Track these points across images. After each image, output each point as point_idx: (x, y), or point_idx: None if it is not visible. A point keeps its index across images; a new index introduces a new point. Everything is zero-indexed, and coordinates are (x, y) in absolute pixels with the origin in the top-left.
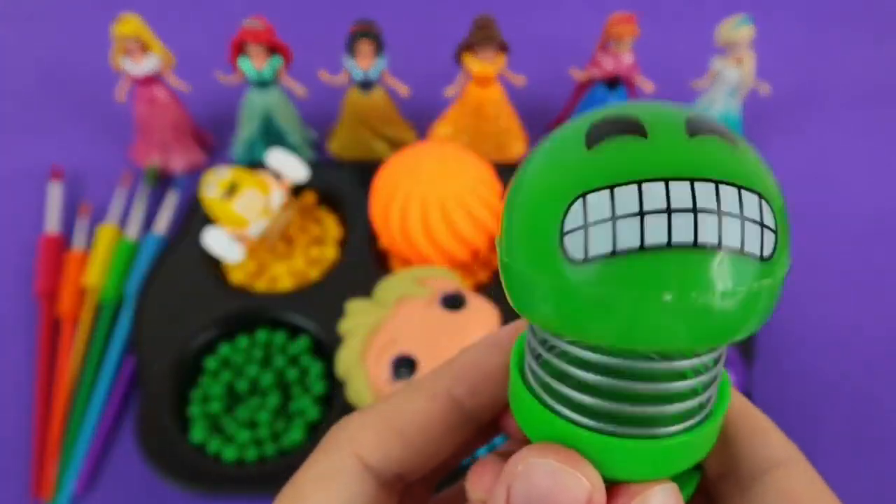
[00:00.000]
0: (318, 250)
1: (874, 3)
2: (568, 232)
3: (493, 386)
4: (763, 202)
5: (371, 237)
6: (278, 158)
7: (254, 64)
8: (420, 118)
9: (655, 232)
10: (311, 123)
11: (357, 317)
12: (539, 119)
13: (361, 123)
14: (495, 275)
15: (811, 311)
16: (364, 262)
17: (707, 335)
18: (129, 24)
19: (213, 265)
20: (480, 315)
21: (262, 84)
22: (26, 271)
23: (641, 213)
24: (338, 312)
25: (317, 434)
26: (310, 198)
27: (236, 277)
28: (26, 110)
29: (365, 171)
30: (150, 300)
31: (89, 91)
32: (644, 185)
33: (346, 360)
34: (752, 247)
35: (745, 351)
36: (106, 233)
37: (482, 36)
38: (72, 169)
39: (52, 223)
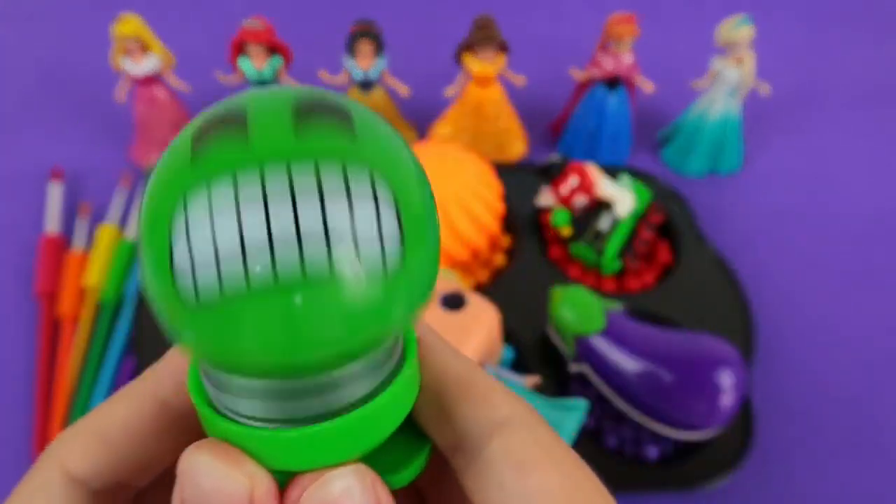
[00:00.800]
0: None
1: (874, 3)
2: (176, 259)
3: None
4: (377, 175)
5: None
6: None
7: (254, 64)
8: (420, 118)
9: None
10: None
11: None
12: (539, 119)
13: None
14: (495, 275)
15: (811, 311)
16: None
17: (340, 347)
18: (129, 24)
19: None
20: (480, 315)
21: (262, 84)
22: (26, 271)
23: (238, 207)
24: None
25: None
26: None
27: None
28: (26, 110)
29: None
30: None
31: (89, 91)
32: (239, 178)
33: None
34: (366, 234)
35: (746, 351)
36: (106, 233)
37: (482, 36)
38: (72, 169)
39: (53, 223)
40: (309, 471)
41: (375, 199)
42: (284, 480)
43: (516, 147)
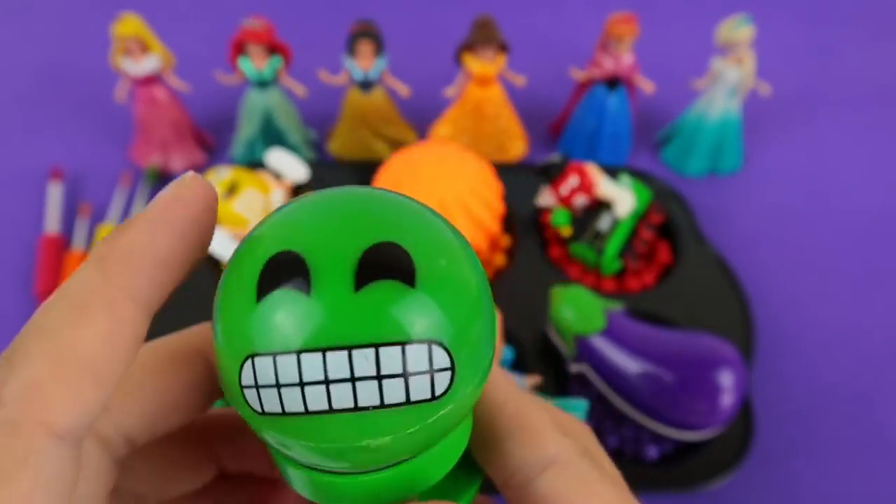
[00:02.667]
0: None
1: (874, 3)
2: (245, 387)
3: (175, 273)
4: (434, 347)
5: None
6: (278, 158)
7: (254, 64)
8: (420, 118)
9: (316, 399)
10: (312, 123)
11: None
12: (539, 119)
13: (361, 123)
14: (495, 275)
15: (811, 311)
16: None
17: (386, 459)
18: (130, 24)
19: (213, 265)
20: None
21: (262, 84)
22: (26, 271)
23: (301, 384)
24: None
25: None
26: None
27: None
28: (26, 110)
29: (365, 171)
30: None
31: (89, 91)
32: (303, 357)
33: None
34: (420, 394)
35: (746, 351)
36: (106, 233)
37: (482, 36)
38: (72, 169)
39: (53, 223)
40: None
41: (431, 346)
42: None
43: (516, 147)
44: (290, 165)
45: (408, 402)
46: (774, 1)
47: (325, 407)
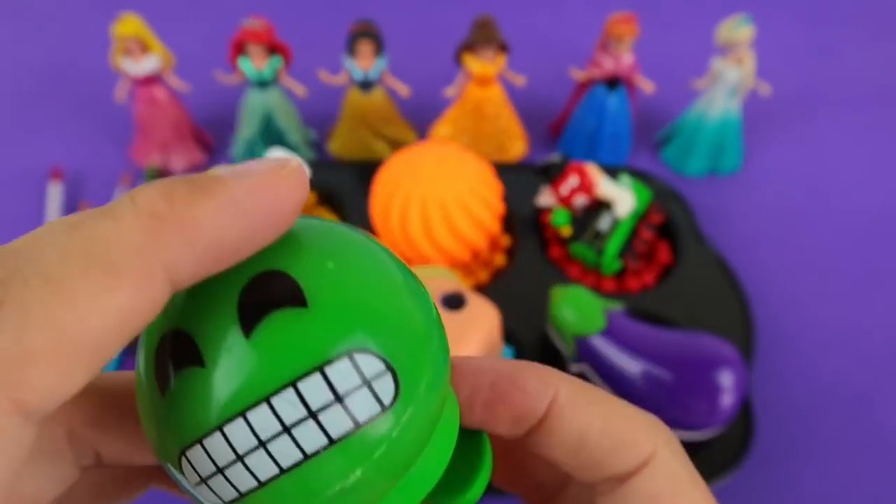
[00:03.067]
0: None
1: (874, 3)
2: (196, 486)
3: (219, 267)
4: (358, 356)
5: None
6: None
7: (254, 64)
8: (420, 118)
9: (262, 467)
10: (312, 123)
11: None
12: (539, 119)
13: (361, 123)
14: (495, 275)
15: (811, 310)
16: None
17: (375, 488)
18: (130, 24)
19: None
20: (480, 315)
21: (262, 84)
22: None
23: (240, 459)
24: None
25: None
26: (310, 198)
27: None
28: (26, 110)
29: (365, 171)
30: None
31: (89, 91)
32: (226, 430)
33: None
34: (368, 411)
35: (745, 351)
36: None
37: (482, 36)
38: (72, 169)
39: None
40: None
41: (359, 370)
42: None
43: (516, 147)
44: None
45: (357, 425)
46: (774, 1)
47: (276, 470)
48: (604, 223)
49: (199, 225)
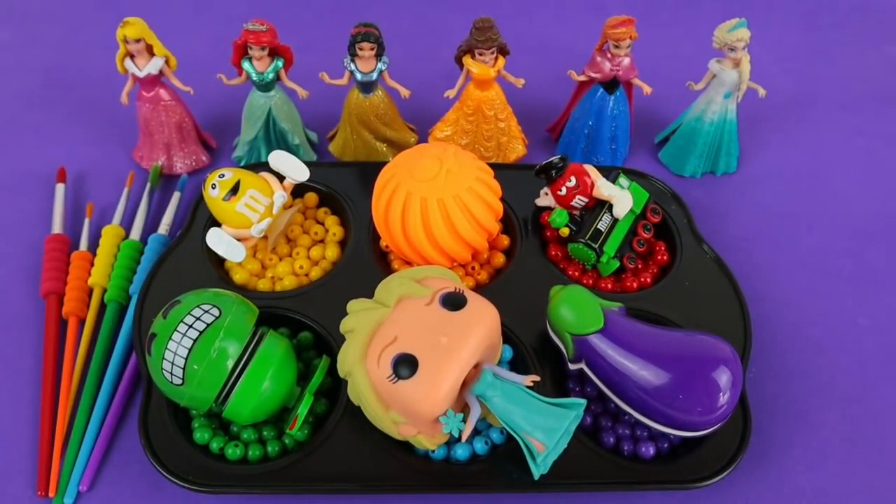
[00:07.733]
0: (319, 250)
1: (871, 6)
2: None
3: None
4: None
5: (372, 237)
6: (280, 159)
7: (256, 66)
8: (421, 120)
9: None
10: (313, 125)
11: (358, 316)
12: (538, 121)
13: (362, 125)
14: (495, 275)
15: (807, 310)
16: (365, 262)
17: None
18: (134, 27)
19: (216, 265)
20: (480, 315)
21: (265, 86)
22: (33, 271)
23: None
24: (339, 312)
25: (321, 431)
26: (311, 198)
27: (239, 277)
28: (32, 112)
29: (366, 171)
30: (153, 299)
31: (94, 93)
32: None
33: (348, 359)
34: (211, 318)
35: (742, 350)
36: (111, 233)
37: (482, 38)
38: (77, 170)
39: (58, 224)
40: None
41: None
42: None
43: (516, 148)
44: (292, 166)
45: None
46: (771, 4)
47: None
48: (602, 223)
49: None
